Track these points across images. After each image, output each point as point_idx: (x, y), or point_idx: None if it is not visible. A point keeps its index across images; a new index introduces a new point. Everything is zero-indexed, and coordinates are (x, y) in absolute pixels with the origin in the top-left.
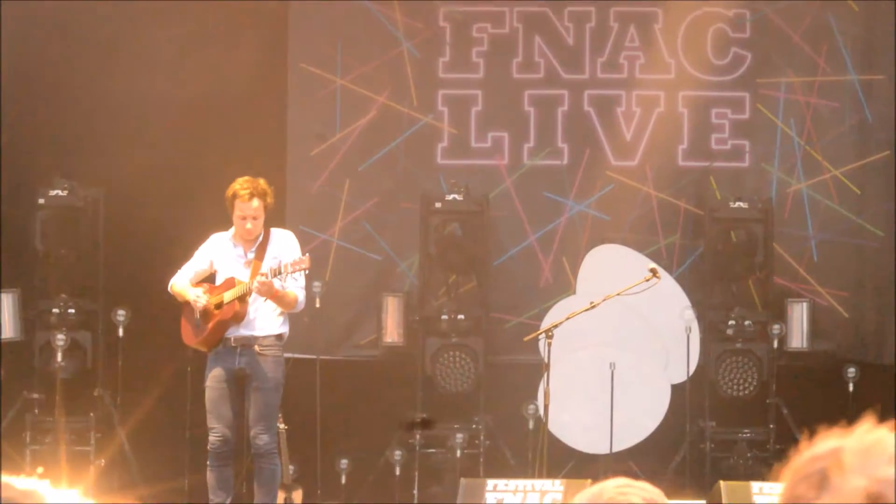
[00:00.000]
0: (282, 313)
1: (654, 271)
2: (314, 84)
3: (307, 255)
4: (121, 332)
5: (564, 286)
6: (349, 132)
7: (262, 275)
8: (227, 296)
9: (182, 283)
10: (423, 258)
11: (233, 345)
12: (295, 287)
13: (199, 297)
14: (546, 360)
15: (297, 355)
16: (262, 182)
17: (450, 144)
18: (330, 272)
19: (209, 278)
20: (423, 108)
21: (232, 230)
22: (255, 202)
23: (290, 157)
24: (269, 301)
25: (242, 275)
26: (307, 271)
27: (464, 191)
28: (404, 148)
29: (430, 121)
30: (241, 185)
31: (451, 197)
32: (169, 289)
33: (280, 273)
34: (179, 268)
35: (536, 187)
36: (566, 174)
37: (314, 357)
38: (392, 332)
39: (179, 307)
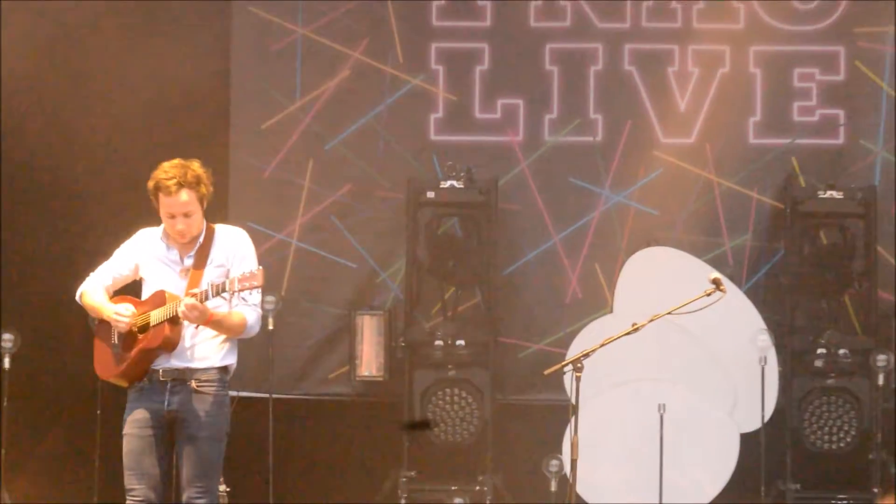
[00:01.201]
0: (227, 340)
1: (717, 283)
2: (267, 34)
3: (260, 267)
4: (6, 362)
5: (598, 302)
6: (313, 98)
7: (193, 294)
8: (156, 315)
9: (96, 294)
10: (410, 265)
11: (161, 379)
12: (244, 307)
13: (118, 316)
14: (574, 399)
15: (245, 393)
16: (194, 166)
17: (446, 115)
18: (287, 284)
19: (132, 288)
20: (410, 67)
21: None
22: (185, 194)
23: (234, 132)
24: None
25: (176, 287)
26: (259, 289)
27: (465, 176)
28: (386, 119)
29: (419, 83)
30: (164, 172)
31: (447, 184)
32: (78, 298)
33: (224, 291)
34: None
35: (561, 172)
36: (600, 155)
37: (266, 396)
38: (369, 363)
39: (87, 327)
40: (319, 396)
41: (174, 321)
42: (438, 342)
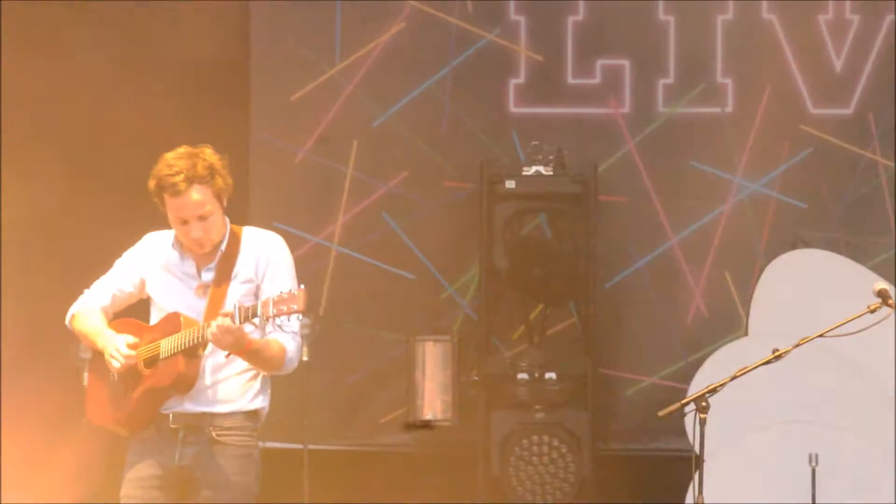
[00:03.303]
0: (257, 376)
1: (884, 295)
2: None
3: (302, 287)
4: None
5: (728, 322)
6: (357, 60)
7: (227, 314)
8: (167, 346)
9: (92, 318)
10: (485, 276)
11: (172, 426)
12: (280, 334)
13: (117, 349)
14: (698, 448)
15: (273, 444)
16: (205, 153)
17: (530, 80)
18: (326, 301)
19: (138, 307)
20: (483, 19)
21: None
22: (197, 192)
23: (255, 106)
24: (235, 356)
25: (192, 308)
26: (297, 316)
27: (554, 160)
28: (452, 87)
29: (495, 39)
30: (168, 166)
31: (532, 170)
32: (68, 322)
33: (255, 316)
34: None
35: (679, 153)
36: (731, 131)
37: (300, 447)
38: (433, 404)
39: (73, 356)
40: (368, 447)
41: (191, 353)
42: (522, 376)
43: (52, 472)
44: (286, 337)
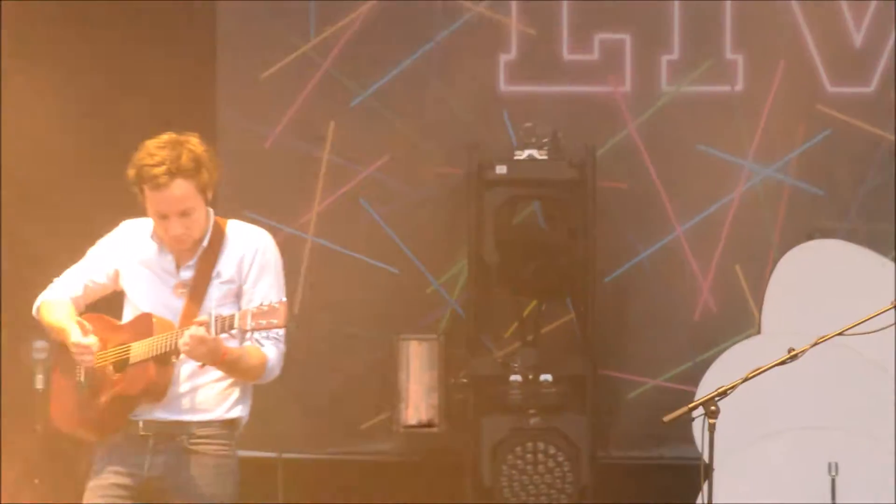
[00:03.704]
0: (236, 383)
1: None
2: None
3: (283, 300)
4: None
5: (739, 319)
6: (334, 35)
7: (201, 323)
8: (138, 350)
9: (59, 309)
10: (474, 269)
11: (142, 433)
12: (263, 341)
13: (81, 348)
14: (706, 456)
15: (245, 453)
16: (191, 144)
17: (522, 56)
18: (302, 297)
19: (111, 301)
20: None
21: None
22: (180, 187)
23: (221, 84)
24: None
25: (169, 308)
26: (273, 333)
27: (549, 143)
28: (438, 63)
29: (484, 11)
30: (150, 156)
31: (525, 154)
32: (35, 312)
33: (232, 328)
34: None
35: (685, 136)
36: (740, 110)
37: (275, 455)
38: (418, 408)
39: (24, 356)
40: (348, 455)
41: (163, 360)
42: (515, 377)
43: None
44: (267, 344)
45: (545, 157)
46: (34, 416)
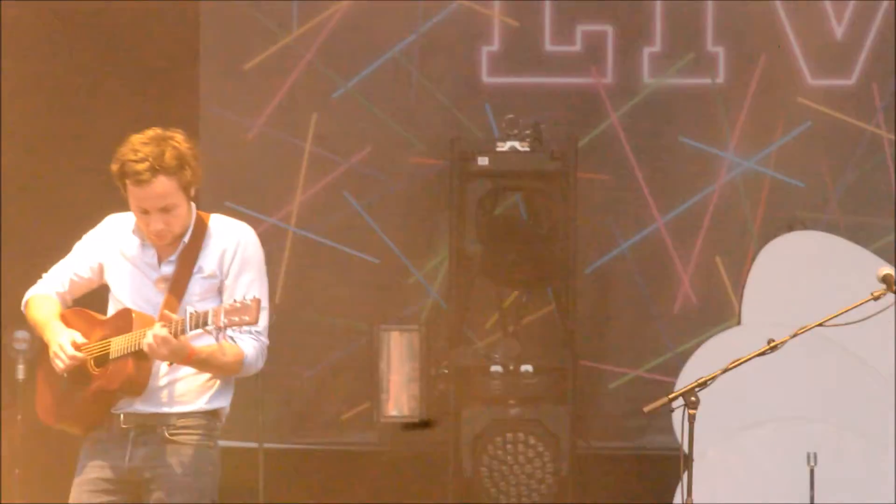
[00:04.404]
0: (215, 376)
1: (888, 281)
2: None
3: (256, 297)
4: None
5: (719, 310)
6: (316, 26)
7: (165, 323)
8: (118, 345)
9: (45, 306)
10: (455, 260)
11: (123, 426)
12: (240, 336)
13: (61, 347)
14: (686, 447)
15: (226, 443)
16: (175, 140)
17: (505, 48)
18: (283, 288)
19: (96, 295)
20: None
21: None
22: (162, 183)
23: (204, 75)
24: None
25: (150, 302)
26: (253, 327)
27: (531, 134)
28: (420, 55)
29: (466, 3)
30: (134, 151)
31: (507, 146)
32: (23, 307)
33: (206, 324)
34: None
35: (667, 128)
36: (722, 103)
37: (255, 445)
38: (399, 399)
39: (5, 346)
40: (328, 446)
41: (142, 355)
42: (496, 368)
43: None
44: (244, 340)
45: (527, 149)
46: (15, 406)
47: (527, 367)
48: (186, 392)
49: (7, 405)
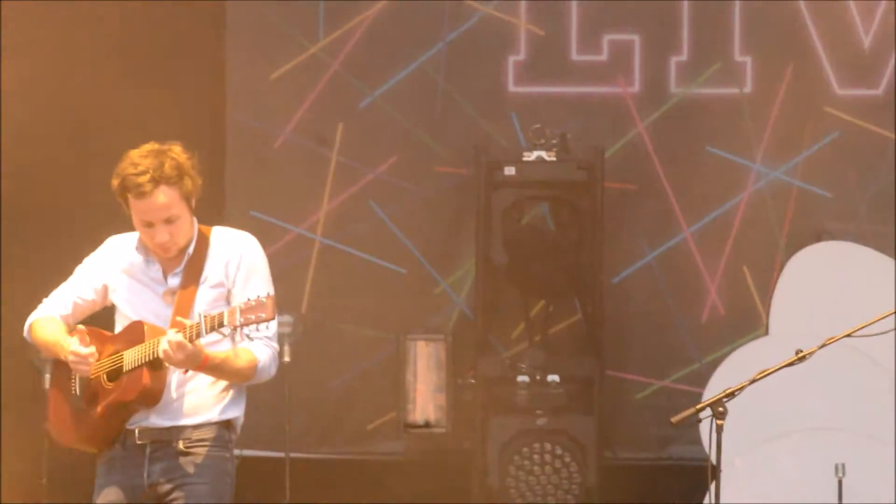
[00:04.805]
0: (230, 387)
1: None
2: None
3: (269, 293)
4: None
5: (747, 320)
6: (343, 35)
7: (180, 328)
8: (131, 357)
9: (50, 327)
10: (482, 270)
11: (139, 442)
12: (252, 342)
13: (78, 358)
14: (714, 458)
15: (251, 452)
16: (174, 152)
17: (531, 57)
18: (309, 298)
19: (103, 317)
20: None
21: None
22: (164, 195)
23: (231, 85)
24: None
25: (159, 316)
26: (269, 323)
27: (558, 144)
28: (446, 64)
29: (492, 12)
30: (133, 165)
31: (533, 156)
32: (26, 333)
33: (221, 325)
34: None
35: (694, 138)
36: (749, 113)
37: (282, 455)
38: (425, 408)
39: (32, 357)
40: (354, 455)
41: (156, 365)
42: (522, 378)
43: None
44: (257, 345)
45: (553, 159)
46: (42, 414)
47: (553, 377)
48: (200, 403)
49: (34, 415)
